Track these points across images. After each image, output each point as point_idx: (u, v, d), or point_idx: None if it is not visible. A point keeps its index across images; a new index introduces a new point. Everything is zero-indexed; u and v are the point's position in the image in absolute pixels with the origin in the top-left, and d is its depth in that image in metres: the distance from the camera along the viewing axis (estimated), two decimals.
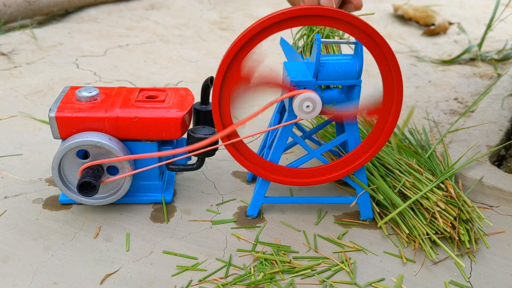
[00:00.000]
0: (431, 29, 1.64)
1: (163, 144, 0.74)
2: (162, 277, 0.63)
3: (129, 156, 0.68)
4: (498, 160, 0.95)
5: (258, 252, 0.67)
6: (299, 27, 0.78)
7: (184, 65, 1.30)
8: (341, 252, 0.68)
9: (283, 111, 0.74)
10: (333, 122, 0.85)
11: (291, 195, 0.80)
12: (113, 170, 0.71)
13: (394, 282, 0.64)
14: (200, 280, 0.63)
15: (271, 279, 0.63)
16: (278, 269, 0.64)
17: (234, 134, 0.69)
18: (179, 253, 0.67)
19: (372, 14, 0.71)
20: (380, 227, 0.73)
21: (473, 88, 1.24)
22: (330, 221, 0.75)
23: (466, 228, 0.70)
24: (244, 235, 0.71)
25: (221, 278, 0.63)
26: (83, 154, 0.70)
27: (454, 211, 0.69)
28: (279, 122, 0.74)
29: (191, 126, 0.75)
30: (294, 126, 0.75)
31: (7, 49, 1.32)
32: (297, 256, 0.67)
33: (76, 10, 1.67)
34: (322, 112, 0.66)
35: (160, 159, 0.73)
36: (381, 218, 0.75)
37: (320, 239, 0.71)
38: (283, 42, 0.75)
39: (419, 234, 0.69)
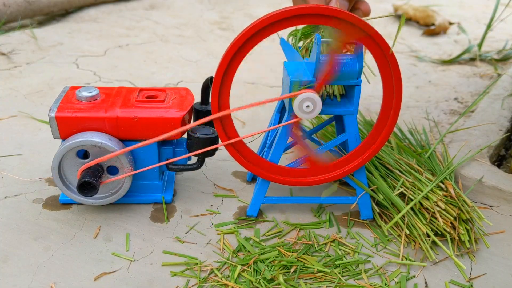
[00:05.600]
0: (431, 29, 1.64)
1: (163, 144, 0.74)
2: (162, 277, 0.63)
3: (125, 149, 0.68)
4: (498, 160, 0.95)
5: (257, 252, 0.67)
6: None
7: (184, 65, 1.30)
8: (342, 253, 0.68)
9: (283, 111, 0.74)
10: (333, 122, 0.85)
11: (291, 195, 0.80)
12: (113, 170, 0.71)
13: (395, 281, 0.64)
14: (200, 280, 0.63)
15: (270, 278, 0.63)
16: (278, 269, 0.64)
17: (234, 134, 0.69)
18: (179, 253, 0.67)
19: (391, 15, 0.72)
20: (380, 226, 0.73)
21: (473, 88, 1.24)
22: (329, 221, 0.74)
23: (466, 228, 0.70)
24: (244, 235, 0.71)
25: (221, 278, 0.63)
26: (83, 154, 0.70)
27: (454, 211, 0.69)
28: (279, 122, 0.74)
29: None
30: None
31: (7, 49, 1.32)
32: (297, 256, 0.67)
33: (76, 10, 1.67)
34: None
35: (160, 159, 0.73)
36: (381, 218, 0.75)
37: (319, 239, 0.71)
38: (283, 42, 0.75)
39: (419, 234, 0.69)
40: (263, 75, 1.26)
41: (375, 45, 0.64)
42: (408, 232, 0.70)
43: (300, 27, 0.73)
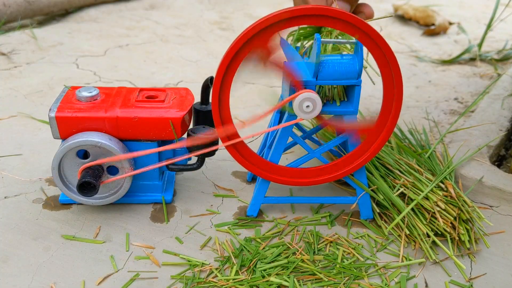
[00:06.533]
0: (431, 29, 1.64)
1: (163, 144, 0.74)
2: (162, 277, 0.63)
3: (129, 154, 0.68)
4: (498, 160, 0.95)
5: (257, 252, 0.67)
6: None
7: (184, 65, 1.30)
8: (342, 254, 0.68)
9: (283, 111, 0.74)
10: None
11: (291, 195, 0.80)
12: (113, 170, 0.71)
13: (395, 281, 0.64)
14: (200, 280, 0.63)
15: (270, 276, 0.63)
16: (278, 269, 0.64)
17: (235, 134, 0.69)
18: (179, 253, 0.67)
19: (390, 16, 0.72)
20: (380, 226, 0.73)
21: (473, 88, 1.24)
22: (329, 221, 0.74)
23: (466, 228, 0.70)
24: (244, 235, 0.71)
25: (220, 278, 0.63)
26: (83, 154, 0.70)
27: (454, 211, 0.69)
28: (279, 122, 0.74)
29: (191, 126, 0.75)
30: (294, 126, 0.75)
31: (7, 49, 1.32)
32: (298, 255, 0.67)
33: (76, 10, 1.67)
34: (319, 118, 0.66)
35: (160, 159, 0.73)
36: (381, 218, 0.75)
37: (320, 239, 0.71)
38: (283, 42, 0.75)
39: (419, 234, 0.69)
40: (263, 75, 1.26)
41: (375, 46, 0.64)
42: (408, 232, 0.70)
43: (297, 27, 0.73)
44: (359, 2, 0.73)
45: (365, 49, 0.66)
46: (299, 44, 0.75)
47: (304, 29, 0.73)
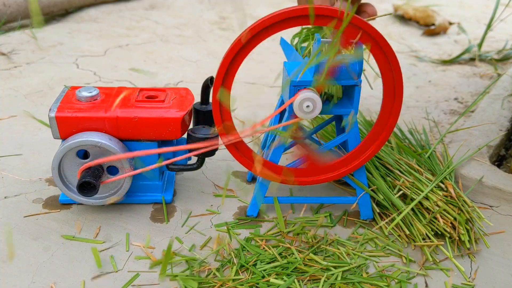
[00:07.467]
0: (431, 29, 1.64)
1: (163, 144, 0.74)
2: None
3: (129, 153, 0.68)
4: (498, 160, 0.95)
5: (257, 252, 0.67)
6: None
7: (184, 65, 1.30)
8: (342, 254, 0.68)
9: (283, 111, 0.74)
10: (333, 122, 0.85)
11: (291, 195, 0.80)
12: (113, 170, 0.71)
13: (395, 281, 0.64)
14: (200, 280, 0.62)
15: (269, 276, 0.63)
16: (278, 269, 0.64)
17: (234, 134, 0.69)
18: (179, 253, 0.67)
19: (390, 14, 0.72)
20: (380, 227, 0.73)
21: (473, 88, 1.24)
22: (329, 221, 0.74)
23: (466, 228, 0.70)
24: (244, 235, 0.71)
25: (220, 278, 0.63)
26: (83, 154, 0.70)
27: (454, 211, 0.69)
28: (279, 122, 0.74)
29: (191, 126, 0.75)
30: None
31: (7, 49, 1.32)
32: (297, 255, 0.67)
33: (76, 10, 1.67)
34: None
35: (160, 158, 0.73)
36: (381, 218, 0.75)
37: (319, 239, 0.71)
38: (283, 42, 0.75)
39: (419, 235, 0.69)
40: (263, 75, 1.26)
41: (376, 45, 0.64)
42: (408, 232, 0.70)
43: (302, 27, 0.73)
44: (362, 1, 0.73)
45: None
46: (304, 44, 0.75)
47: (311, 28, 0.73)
